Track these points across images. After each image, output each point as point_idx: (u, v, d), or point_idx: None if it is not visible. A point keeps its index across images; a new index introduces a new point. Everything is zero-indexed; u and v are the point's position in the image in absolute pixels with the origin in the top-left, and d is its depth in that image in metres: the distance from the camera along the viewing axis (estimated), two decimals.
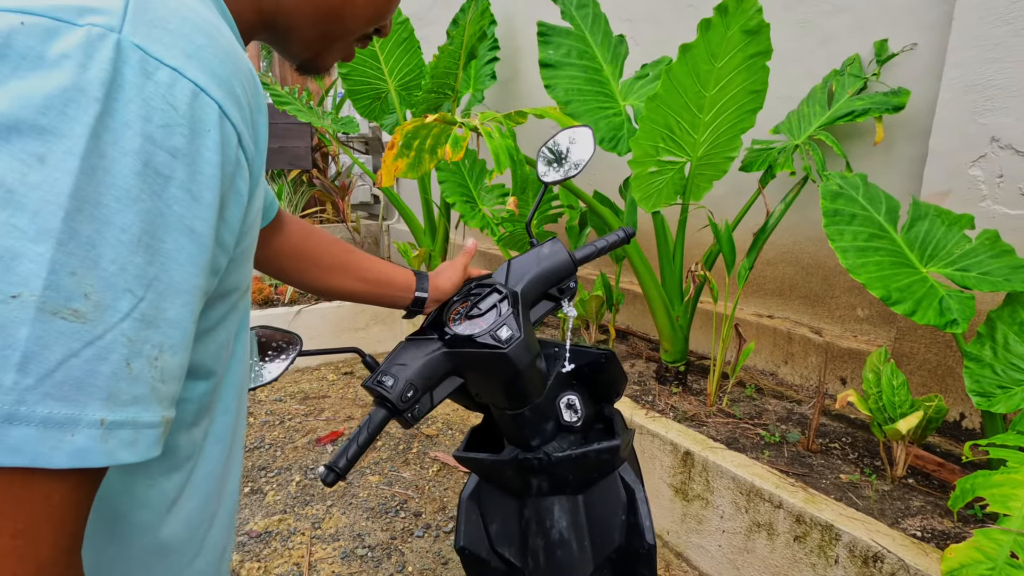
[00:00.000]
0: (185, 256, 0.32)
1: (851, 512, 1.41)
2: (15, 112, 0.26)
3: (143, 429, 0.31)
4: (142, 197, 0.29)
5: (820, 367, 2.17)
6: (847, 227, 1.47)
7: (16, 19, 0.27)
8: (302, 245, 0.78)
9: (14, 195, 0.26)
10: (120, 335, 0.29)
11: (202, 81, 0.32)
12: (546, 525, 0.96)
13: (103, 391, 0.29)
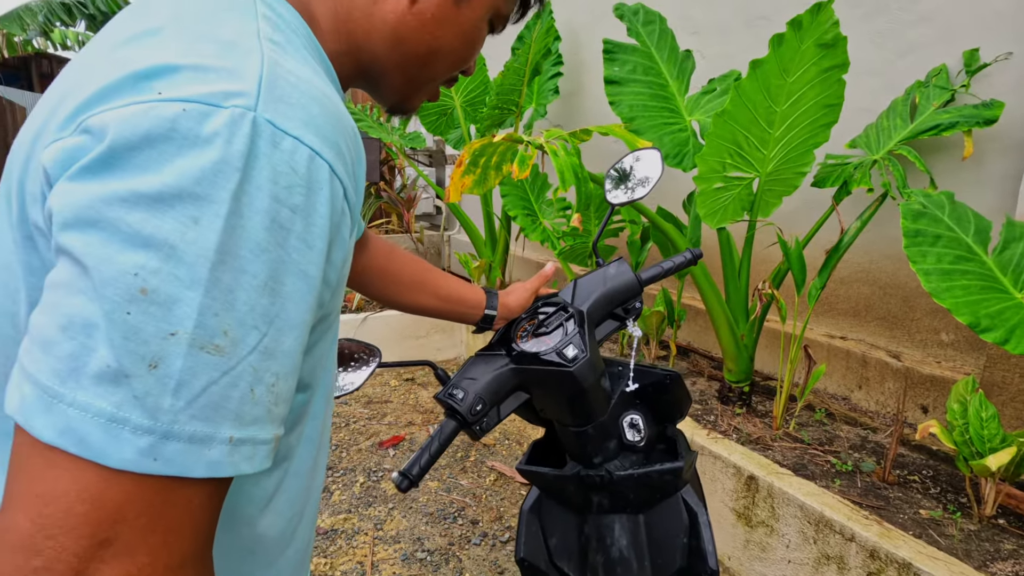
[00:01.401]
0: (299, 296, 0.37)
1: (932, 551, 1.33)
2: (180, 183, 0.32)
3: (259, 445, 0.36)
4: (269, 248, 0.34)
5: (899, 394, 2.05)
6: (931, 248, 1.40)
7: (179, 107, 0.33)
8: (386, 264, 0.83)
9: (175, 250, 0.32)
10: (248, 366, 0.34)
11: (316, 145, 0.37)
12: (606, 542, 0.97)
13: (233, 413, 0.34)
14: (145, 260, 0.31)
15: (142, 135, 0.32)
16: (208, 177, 0.33)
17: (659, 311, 2.43)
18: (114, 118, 0.33)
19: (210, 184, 0.33)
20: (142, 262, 0.31)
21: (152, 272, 0.31)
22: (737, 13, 2.59)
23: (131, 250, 0.31)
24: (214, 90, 0.34)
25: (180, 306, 0.32)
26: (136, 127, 0.32)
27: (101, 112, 0.33)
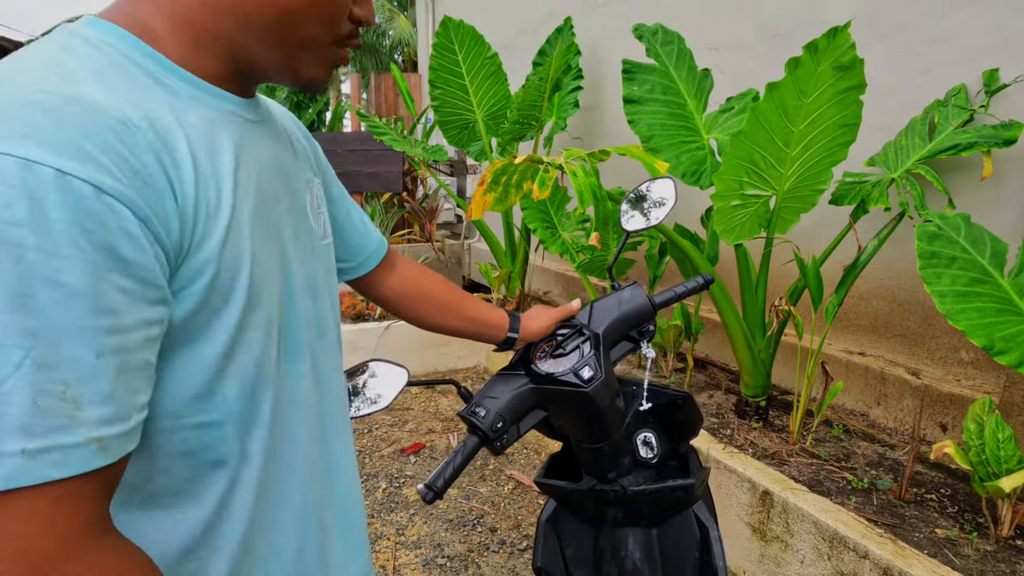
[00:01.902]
0: (62, 305, 0.36)
1: (946, 571, 1.34)
2: None
3: (71, 449, 0.36)
4: (3, 267, 0.34)
5: (916, 411, 2.05)
6: (945, 270, 1.41)
7: None
8: (417, 286, 0.89)
9: None
10: (20, 381, 0.34)
11: (33, 154, 0.35)
12: (620, 555, 1.01)
13: (16, 427, 0.35)
14: None
15: None
16: None
17: (676, 324, 2.46)
18: None
19: None
20: None
21: None
22: (756, 30, 2.62)
23: None
24: None
25: None
26: None
27: None
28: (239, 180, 0.49)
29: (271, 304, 0.52)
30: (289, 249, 0.57)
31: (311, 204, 0.63)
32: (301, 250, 0.59)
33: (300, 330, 0.58)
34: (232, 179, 0.48)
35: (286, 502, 0.56)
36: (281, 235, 0.56)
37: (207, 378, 0.47)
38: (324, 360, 0.63)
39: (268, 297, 0.52)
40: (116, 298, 0.38)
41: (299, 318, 0.58)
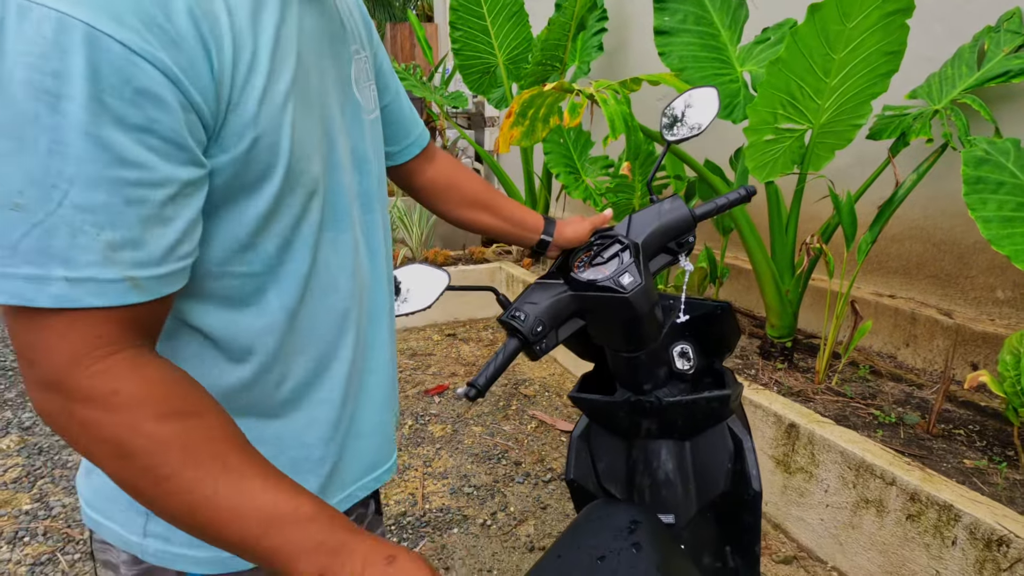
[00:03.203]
0: (92, 155, 0.38)
1: (974, 495, 1.34)
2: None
3: (106, 284, 0.40)
4: (40, 115, 0.37)
5: (948, 350, 2.03)
6: (992, 196, 1.37)
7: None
8: (452, 178, 0.88)
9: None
10: (60, 219, 0.38)
11: (69, 9, 0.37)
12: (653, 466, 1.03)
13: (60, 258, 0.38)
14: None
15: None
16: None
17: (702, 267, 2.43)
18: None
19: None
20: None
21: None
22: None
23: None
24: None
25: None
26: None
27: None
28: (279, 45, 0.49)
29: (314, 172, 0.53)
30: (334, 120, 0.56)
31: (357, 76, 0.61)
32: (347, 122, 0.59)
33: (345, 201, 0.58)
34: (271, 45, 0.48)
35: (324, 356, 0.59)
36: (325, 105, 0.55)
37: (248, 233, 0.50)
38: (372, 234, 0.63)
39: (310, 165, 0.53)
40: (143, 154, 0.40)
41: (343, 189, 0.58)
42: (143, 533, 0.54)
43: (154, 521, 0.54)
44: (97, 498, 0.57)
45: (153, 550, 0.54)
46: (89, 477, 0.58)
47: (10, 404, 2.57)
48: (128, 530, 0.55)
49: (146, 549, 0.55)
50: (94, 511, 0.57)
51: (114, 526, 0.55)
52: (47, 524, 1.80)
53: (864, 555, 1.52)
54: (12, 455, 2.17)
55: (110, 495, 0.55)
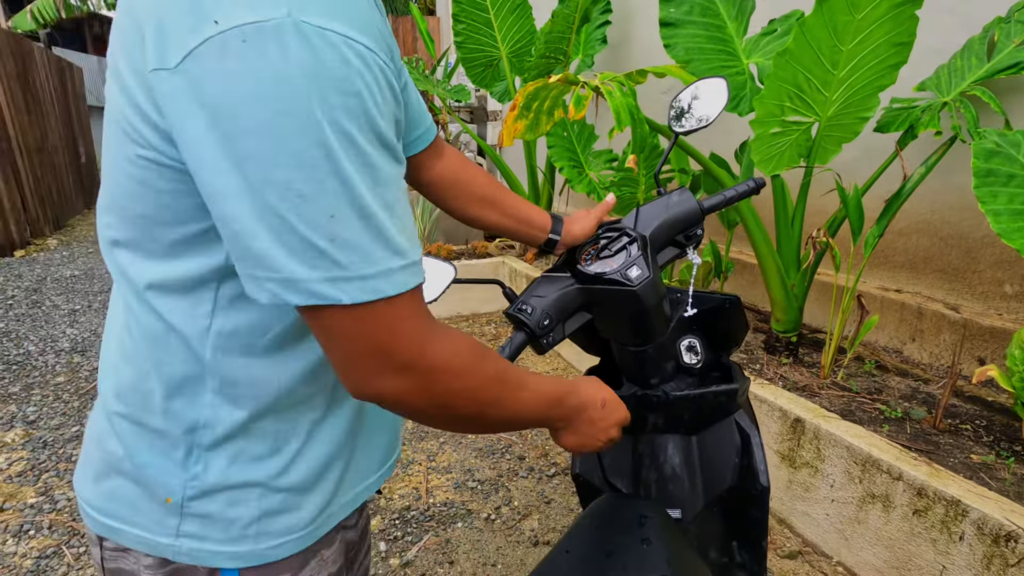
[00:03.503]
0: (386, 158, 0.45)
1: (982, 490, 1.34)
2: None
3: (415, 265, 0.46)
4: (351, 133, 0.43)
5: (955, 345, 2.01)
6: (1003, 189, 1.35)
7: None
8: (460, 174, 0.87)
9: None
10: (383, 216, 0.44)
11: (346, 30, 0.41)
12: (659, 460, 1.02)
13: (394, 250, 0.44)
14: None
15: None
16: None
17: (707, 261, 2.42)
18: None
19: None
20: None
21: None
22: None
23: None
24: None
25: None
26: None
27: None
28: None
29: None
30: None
31: None
32: None
33: None
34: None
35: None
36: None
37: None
38: None
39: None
40: (399, 152, 0.46)
41: None
42: (176, 534, 0.54)
43: (188, 521, 0.54)
44: (113, 504, 0.56)
45: (187, 549, 0.55)
46: (99, 483, 0.57)
47: (15, 398, 2.58)
48: (157, 533, 0.55)
49: (179, 549, 0.55)
50: (108, 517, 0.56)
51: (138, 531, 0.55)
52: (52, 518, 1.80)
53: (870, 550, 1.52)
54: (17, 449, 2.17)
55: (131, 500, 0.55)
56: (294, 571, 0.58)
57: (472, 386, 0.50)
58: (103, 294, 4.19)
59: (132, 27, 0.42)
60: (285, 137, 0.38)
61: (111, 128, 0.47)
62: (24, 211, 5.69)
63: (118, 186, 0.48)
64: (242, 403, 0.53)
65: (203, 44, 0.38)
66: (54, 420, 2.39)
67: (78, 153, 7.67)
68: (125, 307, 0.54)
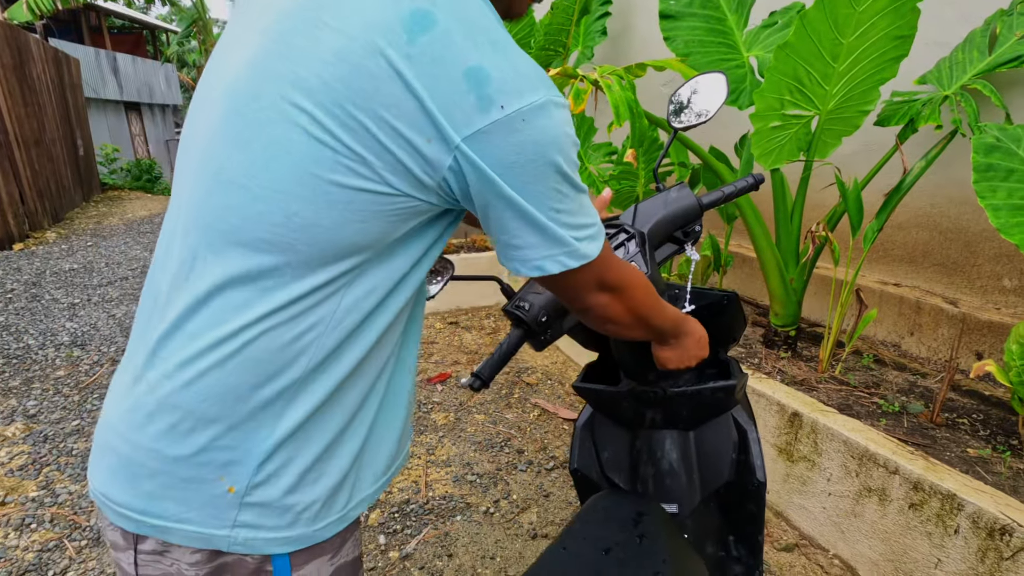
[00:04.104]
0: (576, 171, 0.60)
1: (978, 484, 1.34)
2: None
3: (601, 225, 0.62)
4: (572, 153, 0.58)
5: (953, 339, 2.02)
6: (1002, 183, 1.35)
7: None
8: None
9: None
10: (584, 200, 0.60)
11: (560, 99, 0.57)
12: (657, 456, 1.02)
13: (593, 217, 0.60)
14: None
15: None
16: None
17: (706, 255, 2.42)
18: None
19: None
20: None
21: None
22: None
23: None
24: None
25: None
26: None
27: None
28: None
29: None
30: None
31: None
32: None
33: None
34: None
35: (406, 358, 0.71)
36: None
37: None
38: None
39: None
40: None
41: None
42: (232, 524, 0.57)
43: (245, 511, 0.57)
44: (159, 504, 0.57)
45: (243, 539, 0.57)
46: (140, 484, 0.57)
47: (15, 392, 2.59)
48: (212, 526, 0.56)
49: (235, 539, 0.57)
50: (156, 518, 0.57)
51: (190, 527, 0.56)
52: (54, 511, 1.81)
53: (866, 543, 1.53)
54: (18, 443, 2.18)
55: (184, 498, 0.56)
56: (335, 550, 0.63)
57: (644, 297, 0.68)
58: (102, 288, 4.19)
59: (381, 76, 0.49)
60: (550, 176, 0.54)
61: (296, 146, 0.51)
62: (22, 204, 5.67)
63: (300, 200, 0.52)
64: (320, 387, 0.57)
65: (491, 124, 0.50)
66: (55, 414, 2.40)
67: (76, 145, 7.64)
68: (229, 305, 0.55)
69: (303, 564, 0.60)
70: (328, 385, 0.57)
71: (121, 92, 11.92)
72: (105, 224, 6.61)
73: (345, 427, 0.61)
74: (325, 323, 0.55)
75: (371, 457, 0.66)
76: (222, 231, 0.54)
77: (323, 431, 0.59)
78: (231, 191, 0.53)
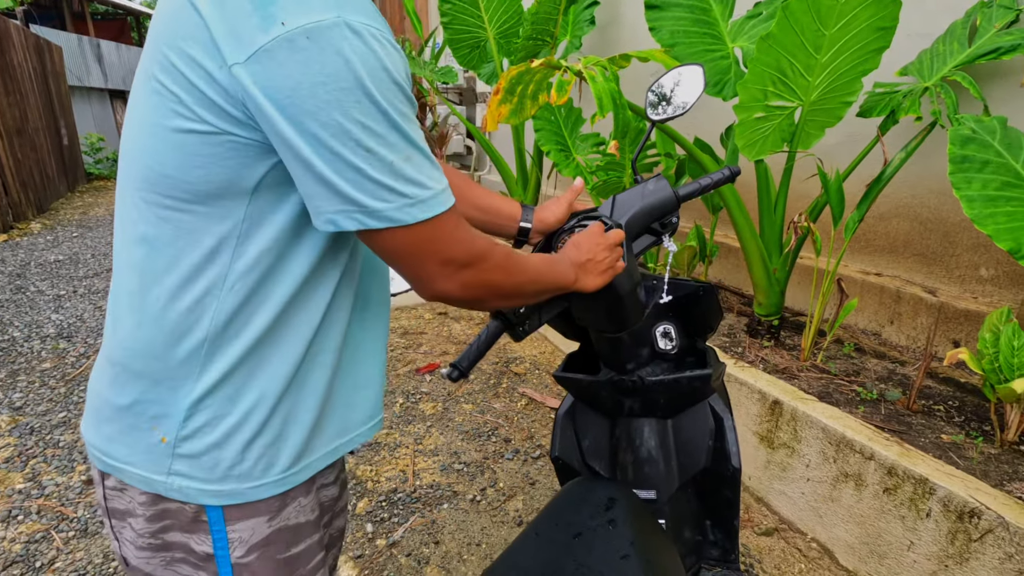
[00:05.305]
0: (411, 110, 0.56)
1: (950, 469, 1.38)
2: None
3: (448, 189, 0.57)
4: (397, 89, 0.54)
5: (930, 328, 2.05)
6: (977, 175, 1.37)
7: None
8: None
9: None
10: (420, 152, 0.55)
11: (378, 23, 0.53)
12: (635, 443, 1.04)
13: (431, 175, 0.55)
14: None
15: None
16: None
17: (692, 246, 2.44)
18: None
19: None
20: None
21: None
22: None
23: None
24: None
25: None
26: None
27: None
28: None
29: None
30: None
31: None
32: None
33: None
34: None
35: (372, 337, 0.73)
36: None
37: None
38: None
39: None
40: (416, 108, 0.57)
41: None
42: (168, 472, 0.61)
43: (178, 461, 0.61)
44: (113, 446, 0.63)
45: (177, 486, 0.61)
46: (101, 427, 0.64)
47: (0, 385, 2.57)
48: (152, 471, 0.61)
49: (171, 486, 0.61)
50: (111, 458, 0.63)
51: (136, 470, 0.62)
52: (40, 503, 1.81)
53: (842, 527, 1.57)
54: (4, 435, 2.18)
55: (130, 443, 0.62)
56: (272, 513, 0.64)
57: (510, 268, 0.63)
58: (88, 279, 4.16)
59: (186, 16, 0.50)
60: (349, 109, 0.48)
61: (147, 101, 0.55)
62: (6, 195, 5.60)
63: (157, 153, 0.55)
64: (235, 345, 0.59)
65: (273, 41, 0.47)
66: (41, 406, 2.39)
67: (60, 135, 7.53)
68: (140, 266, 0.60)
69: (237, 520, 0.63)
70: (240, 348, 0.59)
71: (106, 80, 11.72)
72: (91, 214, 6.54)
73: (275, 393, 0.62)
74: (219, 286, 0.58)
75: (312, 427, 0.66)
76: (122, 197, 0.61)
77: (247, 393, 0.61)
78: (125, 160, 0.59)
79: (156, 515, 0.63)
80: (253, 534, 0.63)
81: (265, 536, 0.64)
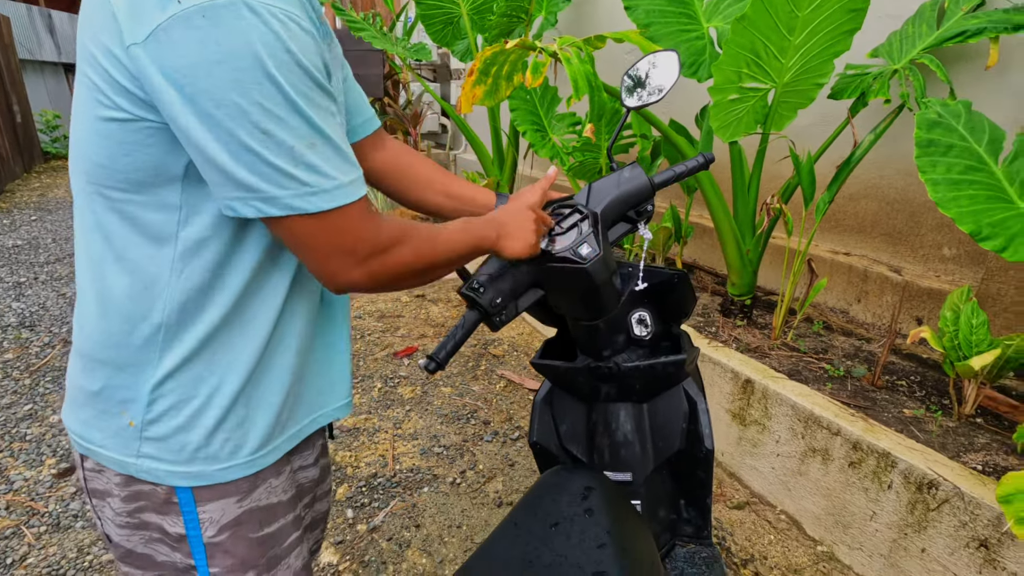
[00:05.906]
0: (320, 95, 0.55)
1: (910, 443, 1.44)
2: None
3: (360, 179, 0.57)
4: (299, 74, 0.54)
5: (895, 306, 2.12)
6: (941, 158, 1.40)
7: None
8: (400, 161, 0.89)
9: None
10: (328, 142, 0.54)
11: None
12: (612, 427, 1.06)
13: (341, 166, 0.54)
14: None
15: None
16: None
17: (667, 227, 2.46)
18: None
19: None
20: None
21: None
22: None
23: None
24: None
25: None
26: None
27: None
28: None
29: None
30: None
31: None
32: None
33: None
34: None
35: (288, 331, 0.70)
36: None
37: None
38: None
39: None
40: (335, 96, 0.56)
41: None
42: (137, 454, 0.63)
43: (146, 444, 0.63)
44: (88, 430, 0.65)
45: (147, 468, 0.63)
46: (77, 412, 0.66)
47: None
48: (123, 454, 0.63)
49: (141, 468, 0.63)
50: (87, 442, 0.65)
51: (109, 452, 0.64)
52: (9, 498, 1.77)
53: (810, 499, 1.63)
54: None
55: (102, 427, 0.64)
56: (243, 494, 0.66)
57: (421, 252, 0.63)
58: (49, 265, 4.01)
59: (101, 8, 0.50)
60: (247, 89, 0.47)
61: (79, 95, 0.55)
62: None
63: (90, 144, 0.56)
64: (192, 332, 0.60)
65: (169, 20, 0.46)
66: (5, 399, 2.32)
67: (12, 112, 7.17)
68: (95, 255, 0.60)
69: (208, 501, 0.64)
70: (198, 333, 0.60)
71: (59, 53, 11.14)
72: (50, 196, 6.28)
73: (239, 377, 0.63)
74: (167, 273, 0.58)
75: (279, 410, 0.67)
76: (75, 187, 0.62)
77: (210, 377, 0.62)
78: (72, 151, 0.60)
79: (131, 496, 0.64)
80: (224, 514, 0.65)
81: (236, 516, 0.66)
